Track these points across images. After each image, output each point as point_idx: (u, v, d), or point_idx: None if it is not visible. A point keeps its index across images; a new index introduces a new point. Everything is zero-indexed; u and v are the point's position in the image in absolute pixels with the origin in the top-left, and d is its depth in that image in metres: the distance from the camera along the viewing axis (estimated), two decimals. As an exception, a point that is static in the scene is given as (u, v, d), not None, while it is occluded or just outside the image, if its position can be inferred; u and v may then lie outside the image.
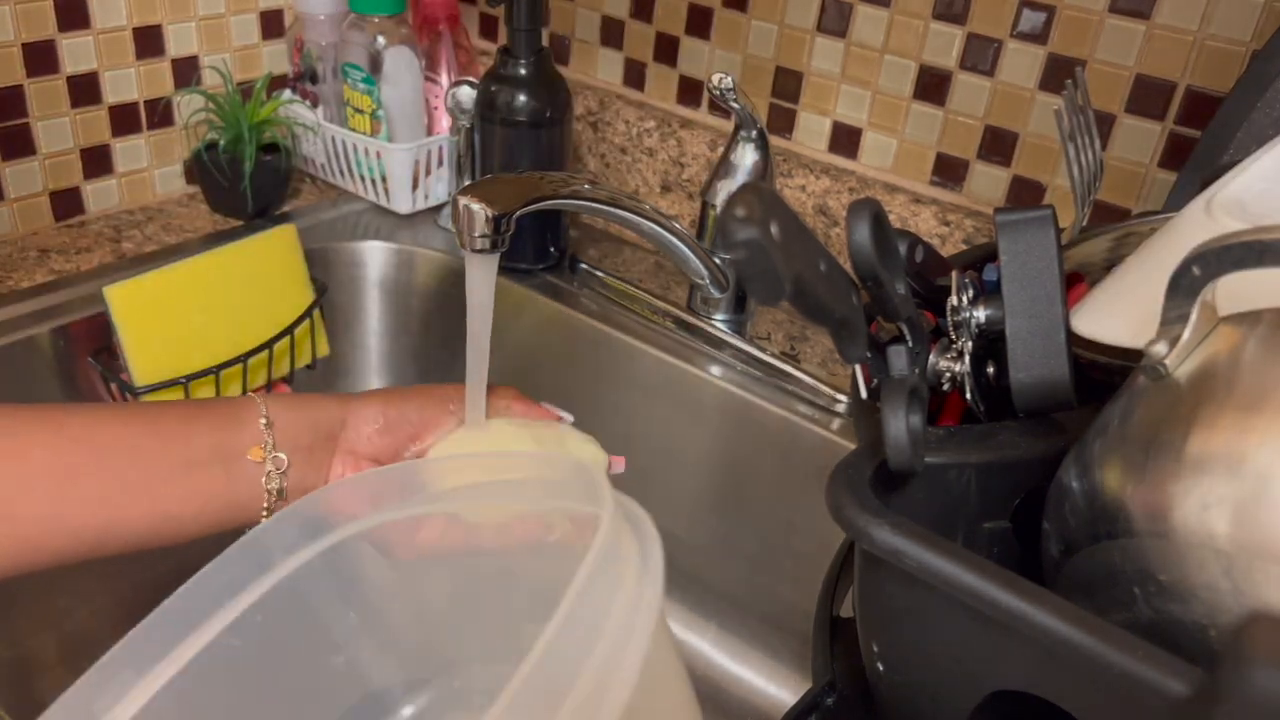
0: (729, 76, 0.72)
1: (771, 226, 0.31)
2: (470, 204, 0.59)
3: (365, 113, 0.92)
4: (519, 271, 0.88)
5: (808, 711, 0.50)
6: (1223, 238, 0.33)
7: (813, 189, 0.84)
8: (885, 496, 0.40)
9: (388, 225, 0.95)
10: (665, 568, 0.38)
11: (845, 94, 0.83)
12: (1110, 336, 0.43)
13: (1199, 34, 0.67)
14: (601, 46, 0.96)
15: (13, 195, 0.86)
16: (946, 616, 0.38)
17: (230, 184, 0.90)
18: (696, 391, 0.78)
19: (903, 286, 0.42)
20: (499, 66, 0.82)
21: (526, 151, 0.83)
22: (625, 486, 0.85)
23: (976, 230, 0.77)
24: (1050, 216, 0.43)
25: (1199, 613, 0.33)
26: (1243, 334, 0.34)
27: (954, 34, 0.76)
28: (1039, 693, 0.37)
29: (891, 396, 0.39)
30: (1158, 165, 0.71)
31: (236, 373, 0.77)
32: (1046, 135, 0.75)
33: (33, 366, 0.76)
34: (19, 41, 0.82)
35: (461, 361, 0.56)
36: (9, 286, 0.80)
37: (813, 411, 0.74)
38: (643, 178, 0.94)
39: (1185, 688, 0.31)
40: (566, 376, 0.86)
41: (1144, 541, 0.34)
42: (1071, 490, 0.39)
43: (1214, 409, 0.33)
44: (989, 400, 0.46)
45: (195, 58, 0.94)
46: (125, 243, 0.89)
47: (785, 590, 0.77)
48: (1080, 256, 0.54)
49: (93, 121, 0.89)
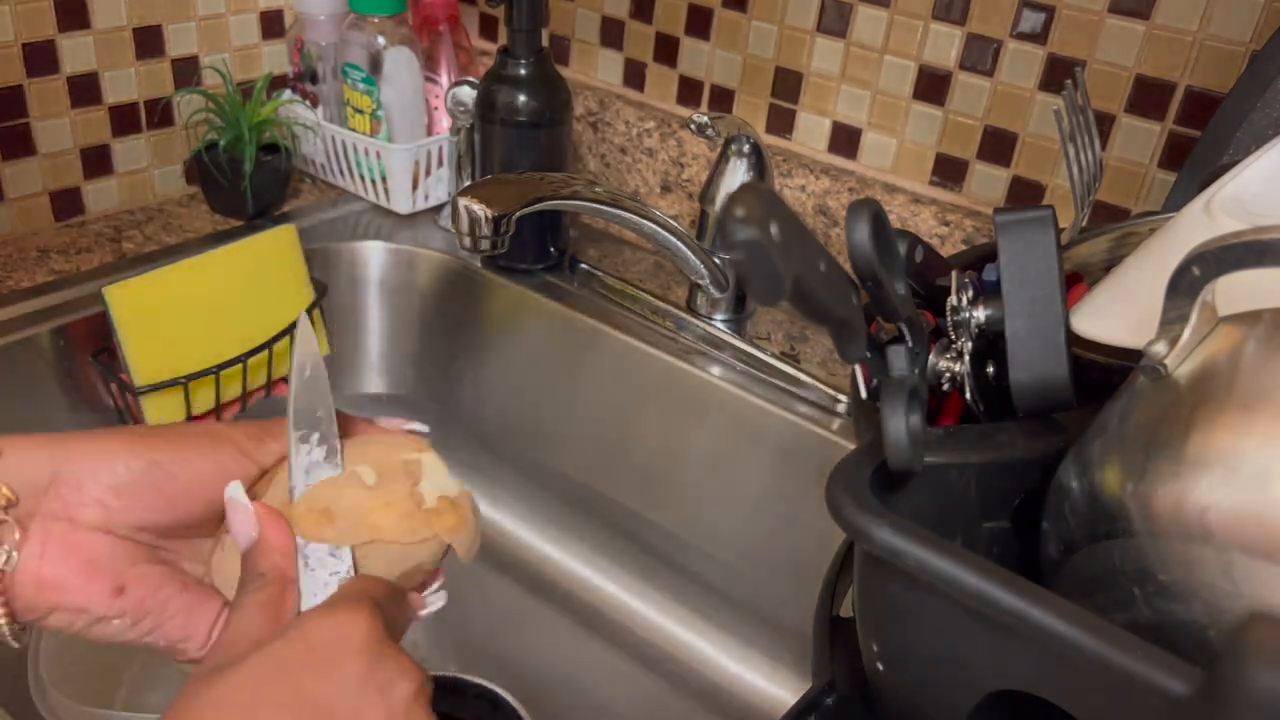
0: (705, 115, 0.74)
1: (771, 226, 0.31)
2: (470, 205, 0.59)
3: (365, 113, 0.92)
4: (519, 271, 0.88)
5: (807, 711, 0.50)
6: (1223, 238, 0.33)
7: (813, 189, 0.84)
8: (885, 496, 0.40)
9: (388, 225, 0.95)
10: (660, 567, 0.38)
11: (845, 94, 0.83)
12: (1110, 336, 0.43)
13: (1199, 34, 0.67)
14: (601, 47, 0.96)
15: (13, 195, 0.86)
16: (946, 616, 0.38)
17: (230, 184, 0.90)
18: (696, 391, 0.78)
19: (902, 286, 0.42)
20: (499, 66, 0.82)
21: (526, 152, 0.83)
22: (626, 487, 0.85)
23: (976, 230, 0.77)
24: (1050, 216, 0.43)
25: (1199, 613, 0.33)
26: (1243, 334, 0.34)
27: (954, 34, 0.76)
28: (1038, 692, 0.37)
29: (891, 396, 0.39)
30: (1157, 165, 0.71)
31: (236, 373, 0.77)
32: (1046, 135, 0.75)
33: (33, 366, 0.76)
34: (19, 41, 0.82)
35: (461, 362, 0.55)
36: (9, 286, 0.80)
37: (813, 411, 0.74)
38: (643, 178, 0.94)
39: (1185, 688, 0.31)
40: (566, 376, 0.86)
41: (1144, 541, 0.34)
42: (1071, 490, 0.39)
43: (1214, 409, 0.33)
44: (989, 400, 0.46)
45: (195, 58, 0.94)
46: (125, 243, 0.89)
47: (785, 590, 0.77)
48: (1080, 256, 0.54)
49: (93, 121, 0.89)
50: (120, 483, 0.38)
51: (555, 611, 0.85)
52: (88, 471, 0.37)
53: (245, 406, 0.80)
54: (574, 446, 0.87)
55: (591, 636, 0.83)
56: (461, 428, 0.94)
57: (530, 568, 0.89)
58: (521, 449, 0.91)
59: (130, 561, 0.38)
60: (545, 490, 0.90)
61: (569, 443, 0.88)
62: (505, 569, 0.89)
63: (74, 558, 0.37)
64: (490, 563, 0.89)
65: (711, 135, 0.75)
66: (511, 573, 0.88)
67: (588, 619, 0.85)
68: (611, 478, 0.86)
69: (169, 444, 0.39)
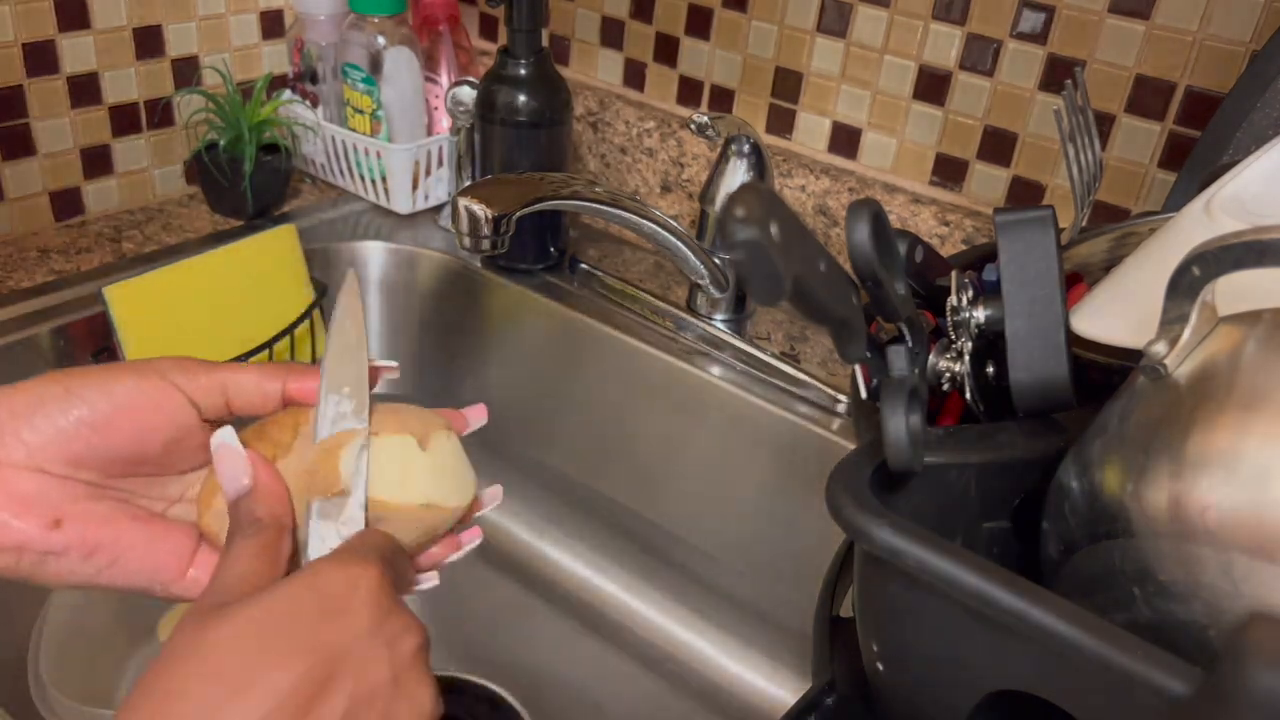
0: (705, 115, 0.74)
1: (771, 226, 0.31)
2: (470, 205, 0.59)
3: (365, 113, 0.92)
4: (519, 271, 0.88)
5: (807, 711, 0.50)
6: (1223, 238, 0.33)
7: (813, 189, 0.84)
8: (885, 496, 0.40)
9: (388, 225, 0.95)
10: (659, 567, 0.38)
11: (845, 94, 0.83)
12: (1110, 336, 0.43)
13: (1199, 34, 0.67)
14: (601, 47, 0.96)
15: (13, 195, 0.86)
16: (946, 616, 0.38)
17: (230, 184, 0.90)
18: (696, 391, 0.78)
19: (902, 286, 0.42)
20: (499, 66, 0.82)
21: (526, 152, 0.83)
22: (626, 487, 0.85)
23: (976, 230, 0.77)
24: (1050, 217, 0.43)
25: (1199, 613, 0.33)
26: (1243, 334, 0.34)
27: (954, 34, 0.76)
28: (1038, 692, 0.37)
29: (891, 396, 0.39)
30: (1157, 165, 0.71)
31: (236, 373, 0.77)
32: (1046, 135, 0.75)
33: (33, 366, 0.76)
34: (19, 41, 0.82)
35: (461, 361, 0.55)
36: (9, 286, 0.80)
37: (813, 411, 0.74)
38: (643, 178, 0.94)
39: (1185, 688, 0.31)
40: (566, 376, 0.86)
41: (1144, 541, 0.34)
42: (1071, 490, 0.39)
43: (1214, 409, 0.33)
44: (989, 400, 0.46)
45: (195, 58, 0.94)
46: (125, 243, 0.89)
47: (785, 590, 0.77)
48: (1080, 257, 0.54)
49: (93, 121, 0.89)
50: (41, 419, 0.37)
51: (555, 611, 0.85)
52: (7, 411, 0.37)
53: (245, 406, 0.80)
54: (574, 446, 0.88)
55: (591, 636, 0.83)
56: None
57: (530, 567, 0.89)
58: (521, 449, 0.91)
59: (69, 499, 0.38)
60: (545, 490, 0.91)
61: (569, 442, 0.88)
62: (505, 569, 0.89)
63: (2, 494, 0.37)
64: (490, 563, 0.89)
65: (711, 135, 0.75)
66: (511, 572, 0.88)
67: (588, 619, 0.85)
68: (611, 477, 0.86)
69: (87, 376, 0.39)
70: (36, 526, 0.37)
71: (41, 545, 0.38)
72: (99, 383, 0.38)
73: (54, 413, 0.38)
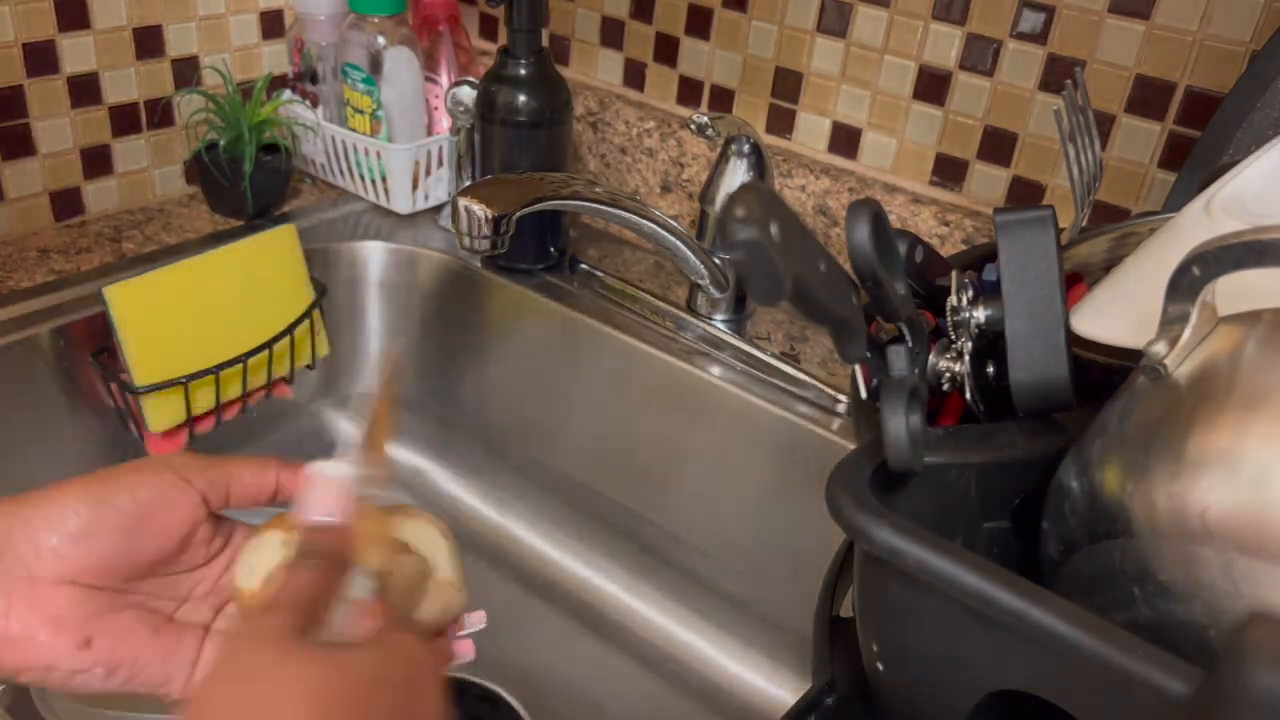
0: (705, 115, 0.74)
1: (771, 226, 0.31)
2: (470, 205, 0.59)
3: (365, 113, 0.92)
4: (519, 271, 0.88)
5: (807, 711, 0.50)
6: (1223, 238, 0.33)
7: (813, 189, 0.84)
8: (885, 496, 0.40)
9: (388, 225, 0.95)
10: (659, 567, 0.38)
11: (845, 94, 0.83)
12: (1110, 336, 0.43)
13: (1199, 34, 0.67)
14: (601, 47, 0.96)
15: (13, 195, 0.86)
16: (946, 616, 0.38)
17: (230, 184, 0.90)
18: (696, 391, 0.78)
19: (902, 286, 0.42)
20: (499, 67, 0.82)
21: (526, 152, 0.83)
22: (626, 486, 0.85)
23: (976, 230, 0.77)
24: (1050, 217, 0.43)
25: (1199, 613, 0.33)
26: (1243, 334, 0.34)
27: (954, 34, 0.76)
28: (1038, 692, 0.37)
29: (891, 396, 0.39)
30: (1157, 165, 0.71)
31: (236, 373, 0.77)
32: (1046, 135, 0.75)
33: (33, 366, 0.76)
34: (19, 41, 0.82)
35: (461, 362, 0.55)
36: (9, 286, 0.80)
37: (813, 411, 0.74)
38: (643, 178, 0.94)
39: (1185, 688, 0.31)
40: (566, 376, 0.86)
41: (1144, 541, 0.34)
42: (1071, 490, 0.39)
43: (1214, 409, 0.33)
44: (989, 400, 0.46)
45: (195, 58, 0.94)
46: (125, 243, 0.89)
47: (785, 590, 0.77)
48: (1080, 257, 0.54)
49: (93, 121, 0.89)
50: (72, 529, 0.38)
51: (555, 611, 0.85)
52: (41, 524, 0.38)
53: (245, 406, 0.80)
54: (574, 446, 0.88)
55: (591, 636, 0.83)
56: (461, 427, 0.94)
57: (530, 568, 0.89)
58: (521, 449, 0.91)
59: (96, 612, 0.38)
60: (545, 490, 0.91)
61: (569, 442, 0.88)
62: (505, 569, 0.89)
63: (37, 614, 0.37)
64: (490, 563, 0.89)
65: (711, 135, 0.75)
66: (511, 573, 0.88)
67: (588, 619, 0.85)
68: (611, 478, 0.86)
69: (111, 480, 0.39)
70: (68, 646, 0.38)
71: (71, 665, 0.38)
72: (124, 486, 0.39)
73: (85, 521, 0.38)
